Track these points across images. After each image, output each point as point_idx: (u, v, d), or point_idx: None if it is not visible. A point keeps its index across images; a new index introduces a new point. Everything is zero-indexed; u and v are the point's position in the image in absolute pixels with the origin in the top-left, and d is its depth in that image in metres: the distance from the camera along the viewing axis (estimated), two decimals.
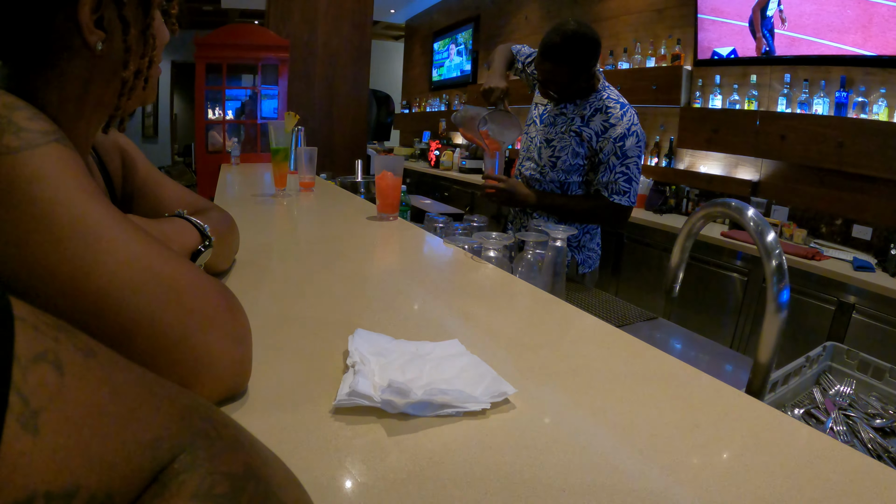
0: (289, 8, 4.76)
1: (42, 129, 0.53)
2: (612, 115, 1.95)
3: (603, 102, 1.98)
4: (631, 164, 1.94)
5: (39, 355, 0.26)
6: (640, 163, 1.96)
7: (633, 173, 1.95)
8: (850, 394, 1.04)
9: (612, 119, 1.95)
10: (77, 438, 0.27)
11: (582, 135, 1.99)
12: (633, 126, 1.93)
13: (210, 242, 0.94)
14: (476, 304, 1.05)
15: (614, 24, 4.93)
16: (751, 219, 0.89)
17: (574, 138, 2.00)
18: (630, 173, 1.95)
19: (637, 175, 1.96)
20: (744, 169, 3.81)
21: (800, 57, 3.34)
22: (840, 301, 2.69)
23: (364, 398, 0.63)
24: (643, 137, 1.97)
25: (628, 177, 1.95)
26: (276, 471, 0.38)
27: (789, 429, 0.66)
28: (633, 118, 1.95)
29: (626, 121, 1.93)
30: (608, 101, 1.98)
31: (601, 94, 2.00)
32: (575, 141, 2.00)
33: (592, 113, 1.99)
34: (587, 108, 2.00)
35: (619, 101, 1.98)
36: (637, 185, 1.97)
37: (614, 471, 0.56)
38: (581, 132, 1.99)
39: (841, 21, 3.07)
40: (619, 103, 1.97)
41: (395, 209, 1.83)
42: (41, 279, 0.49)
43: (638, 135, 1.94)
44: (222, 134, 4.61)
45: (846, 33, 3.06)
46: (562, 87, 1.95)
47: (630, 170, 1.94)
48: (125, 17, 0.63)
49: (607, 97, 1.99)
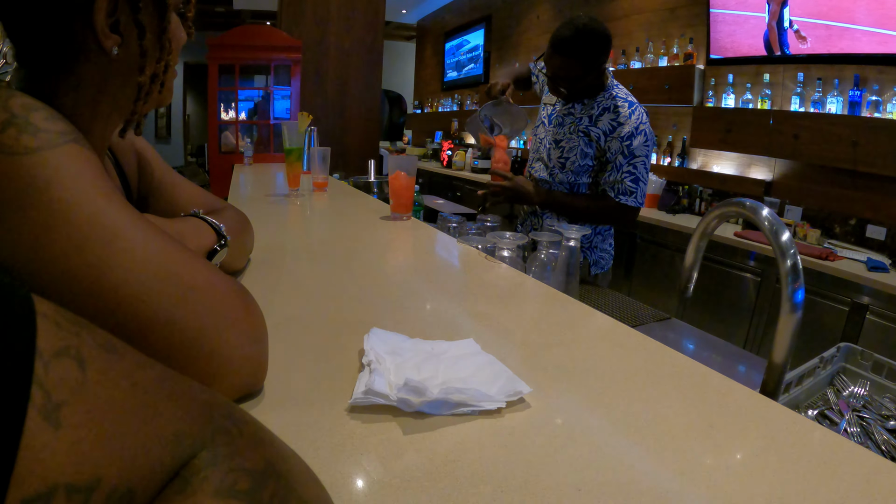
0: (301, 9, 4.77)
1: (60, 130, 0.54)
2: (620, 114, 1.93)
3: (612, 101, 1.96)
4: (638, 163, 1.91)
5: (61, 350, 0.27)
6: (648, 163, 1.93)
7: (640, 173, 1.92)
8: (864, 395, 1.04)
9: (621, 118, 1.92)
10: (98, 432, 0.27)
11: (590, 135, 1.97)
12: (641, 125, 1.91)
13: (226, 242, 0.95)
14: (490, 304, 1.06)
15: (626, 23, 4.90)
16: (765, 218, 0.88)
17: (582, 138, 1.99)
18: (637, 173, 1.92)
19: (645, 175, 1.93)
20: (757, 168, 3.79)
21: (813, 56, 3.32)
22: (854, 302, 2.67)
23: (380, 397, 0.63)
24: (652, 137, 1.94)
25: (635, 177, 1.92)
26: (297, 467, 0.38)
27: (804, 429, 0.66)
28: (641, 117, 1.92)
29: (635, 119, 1.91)
30: (617, 99, 1.96)
31: (610, 93, 1.98)
32: (583, 141, 1.98)
33: (601, 112, 1.97)
34: (595, 108, 1.98)
35: (629, 100, 1.96)
36: (645, 185, 1.94)
37: (629, 470, 0.56)
38: (589, 132, 1.97)
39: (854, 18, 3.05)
40: (628, 102, 1.95)
41: (408, 209, 1.83)
42: (59, 278, 0.49)
43: (646, 134, 1.91)
44: (235, 134, 4.63)
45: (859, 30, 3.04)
46: (571, 83, 1.92)
47: (637, 170, 1.91)
48: (141, 22, 0.64)
49: (616, 96, 1.97)
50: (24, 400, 0.23)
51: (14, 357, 0.24)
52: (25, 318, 0.26)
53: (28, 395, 0.24)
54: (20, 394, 0.23)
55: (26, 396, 0.23)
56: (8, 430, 0.22)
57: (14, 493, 0.22)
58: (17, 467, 0.22)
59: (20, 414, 0.23)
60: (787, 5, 3.38)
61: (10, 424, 0.23)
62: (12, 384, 0.23)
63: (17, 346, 0.24)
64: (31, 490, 0.23)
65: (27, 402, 0.23)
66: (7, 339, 0.24)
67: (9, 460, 0.22)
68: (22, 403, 0.23)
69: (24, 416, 0.23)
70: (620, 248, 2.52)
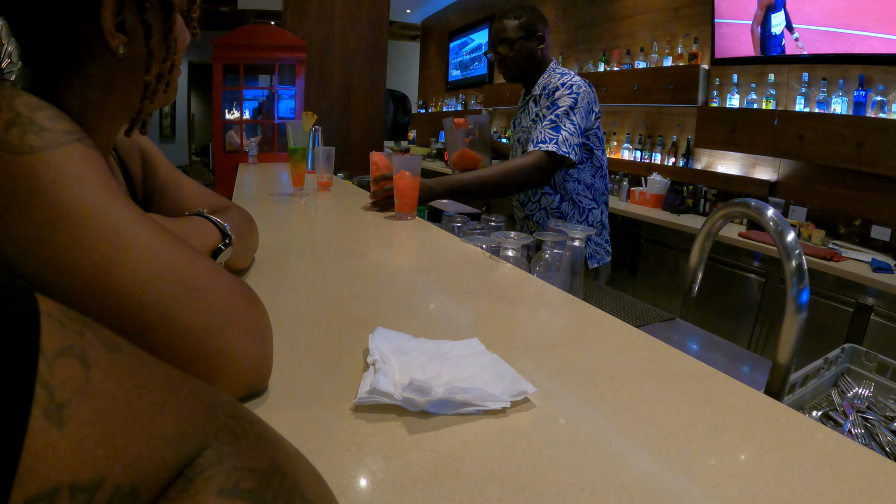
0: (305, 8, 4.78)
1: (64, 129, 0.54)
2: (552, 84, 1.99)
3: (549, 79, 2.03)
4: (560, 112, 1.88)
5: (65, 349, 0.27)
6: (575, 115, 1.88)
7: (561, 122, 1.87)
8: (869, 396, 1.03)
9: (552, 86, 1.98)
10: (102, 431, 0.27)
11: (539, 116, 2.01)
12: (569, 81, 1.93)
13: (230, 241, 0.95)
14: (494, 304, 1.06)
15: (631, 23, 4.90)
16: (770, 219, 0.88)
17: (534, 124, 2.05)
18: (559, 122, 1.87)
19: (571, 125, 1.87)
20: (761, 169, 3.78)
21: (817, 56, 3.31)
22: (858, 303, 2.66)
23: (385, 396, 0.64)
24: (580, 89, 1.91)
25: (556, 125, 1.87)
26: (301, 466, 0.38)
27: (808, 430, 0.66)
28: (573, 79, 1.94)
29: (565, 80, 1.95)
30: (553, 75, 2.03)
31: (550, 74, 2.06)
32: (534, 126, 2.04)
33: (541, 92, 2.05)
34: (537, 88, 2.08)
35: (566, 74, 2.01)
36: (571, 134, 1.86)
37: (633, 470, 0.56)
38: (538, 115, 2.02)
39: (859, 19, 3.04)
40: (566, 74, 2.00)
41: (413, 209, 1.83)
42: (63, 277, 0.50)
43: (571, 86, 1.90)
44: (240, 134, 4.63)
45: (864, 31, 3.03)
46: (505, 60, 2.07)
47: (559, 119, 1.87)
48: (147, 21, 0.64)
49: (553, 72, 2.05)
50: (27, 399, 0.23)
51: (18, 356, 0.24)
52: (29, 317, 0.26)
53: (32, 394, 0.24)
54: (24, 393, 0.23)
55: (30, 396, 0.23)
56: (12, 430, 0.22)
57: (18, 492, 0.22)
58: (20, 467, 0.22)
59: (24, 413, 0.23)
60: (776, 10, 3.38)
61: (14, 424, 0.23)
62: (16, 383, 0.23)
63: (20, 345, 0.24)
64: (34, 489, 0.23)
65: (31, 402, 0.23)
66: (11, 338, 0.24)
67: (12, 460, 0.22)
68: (26, 403, 0.23)
69: (28, 416, 0.23)
70: (624, 248, 2.52)
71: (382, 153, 1.93)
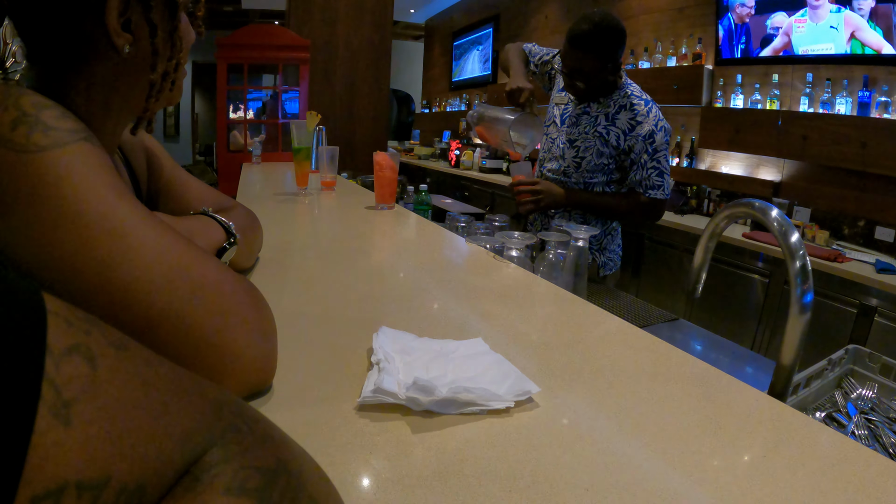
0: (309, 8, 4.78)
1: (70, 128, 0.54)
2: (637, 113, 1.94)
3: (627, 99, 1.97)
4: (661, 157, 1.94)
5: (72, 348, 0.27)
6: (668, 153, 1.96)
7: (664, 167, 1.95)
8: (872, 397, 1.03)
9: (639, 116, 1.93)
10: (109, 430, 0.27)
11: (608, 135, 1.98)
12: (659, 122, 1.93)
13: (235, 240, 0.95)
14: (498, 304, 1.06)
15: (635, 23, 4.89)
16: (774, 219, 0.88)
17: (598, 139, 1.99)
18: (661, 167, 1.95)
19: (667, 167, 1.97)
20: (766, 169, 3.77)
21: (822, 56, 3.30)
22: (862, 304, 2.65)
23: (389, 395, 0.64)
24: (670, 130, 1.97)
25: (660, 171, 1.95)
26: (307, 465, 0.38)
27: (811, 431, 0.66)
28: (658, 113, 1.94)
29: (653, 117, 1.92)
30: (632, 97, 1.97)
31: (624, 91, 1.99)
32: (599, 142, 1.99)
33: (617, 110, 1.97)
34: (612, 106, 1.99)
35: (643, 98, 1.97)
36: (669, 176, 1.97)
37: (637, 470, 0.56)
38: (607, 132, 1.98)
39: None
40: (643, 99, 1.96)
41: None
42: (69, 275, 0.50)
43: (665, 129, 1.94)
44: (244, 133, 4.64)
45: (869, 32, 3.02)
46: (588, 78, 1.92)
47: (661, 164, 1.95)
48: (152, 21, 0.64)
49: (631, 94, 1.98)
50: (34, 397, 0.23)
51: (24, 355, 0.24)
52: (36, 315, 0.26)
53: (38, 392, 0.23)
54: (31, 391, 0.23)
55: (37, 394, 0.23)
56: (18, 428, 0.22)
57: (24, 490, 0.22)
58: (27, 465, 0.22)
59: (30, 411, 0.23)
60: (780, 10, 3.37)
61: (21, 422, 0.23)
62: (23, 382, 0.23)
63: (27, 343, 0.24)
64: (41, 487, 0.23)
65: (38, 400, 0.23)
66: (18, 337, 0.24)
67: (19, 458, 0.22)
68: (32, 401, 0.23)
69: (35, 414, 0.23)
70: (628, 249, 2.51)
71: (386, 153, 1.93)
